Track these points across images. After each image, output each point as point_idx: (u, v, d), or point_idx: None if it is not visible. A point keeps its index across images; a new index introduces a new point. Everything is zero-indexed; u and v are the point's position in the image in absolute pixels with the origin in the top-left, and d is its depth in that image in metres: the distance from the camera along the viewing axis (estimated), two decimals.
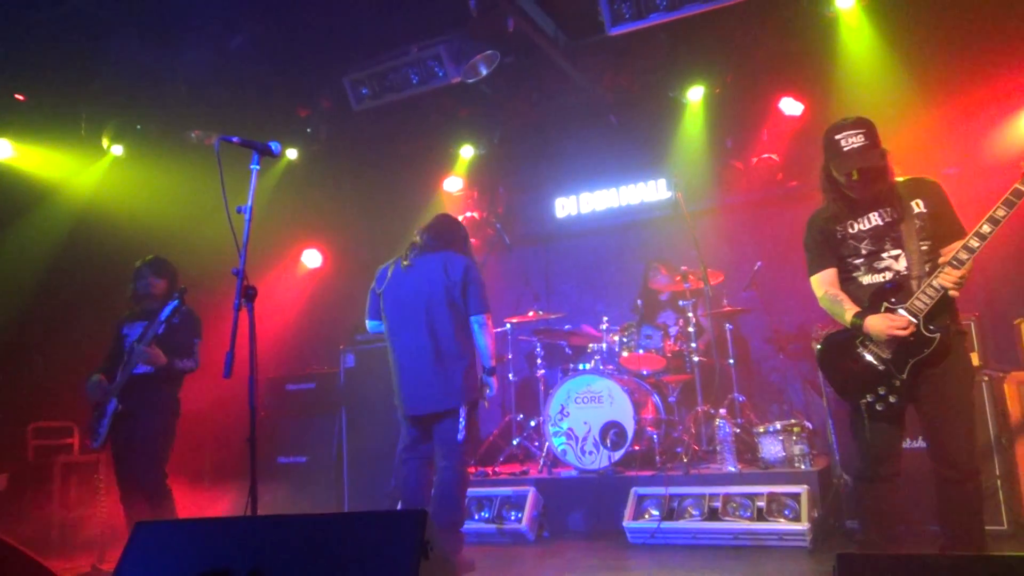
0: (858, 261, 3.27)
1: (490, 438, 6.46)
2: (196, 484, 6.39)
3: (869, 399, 3.17)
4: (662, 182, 7.30)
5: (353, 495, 6.37)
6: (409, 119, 7.34)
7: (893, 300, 3.11)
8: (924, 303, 3.03)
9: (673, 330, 5.86)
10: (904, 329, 3.03)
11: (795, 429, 4.81)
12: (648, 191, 7.40)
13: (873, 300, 3.17)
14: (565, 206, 7.82)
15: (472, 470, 5.74)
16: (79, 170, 6.65)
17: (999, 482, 4.23)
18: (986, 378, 4.38)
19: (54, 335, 6.30)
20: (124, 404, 4.51)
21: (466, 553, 4.18)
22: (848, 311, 3.19)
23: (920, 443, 4.16)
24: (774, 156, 6.64)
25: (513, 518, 5.03)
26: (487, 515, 5.11)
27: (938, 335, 3.03)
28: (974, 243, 2.95)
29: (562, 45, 6.34)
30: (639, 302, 6.28)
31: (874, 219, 3.23)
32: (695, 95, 6.70)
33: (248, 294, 3.06)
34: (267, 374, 6.97)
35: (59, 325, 6.33)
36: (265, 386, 6.89)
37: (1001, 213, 2.92)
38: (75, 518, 5.97)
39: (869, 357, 3.17)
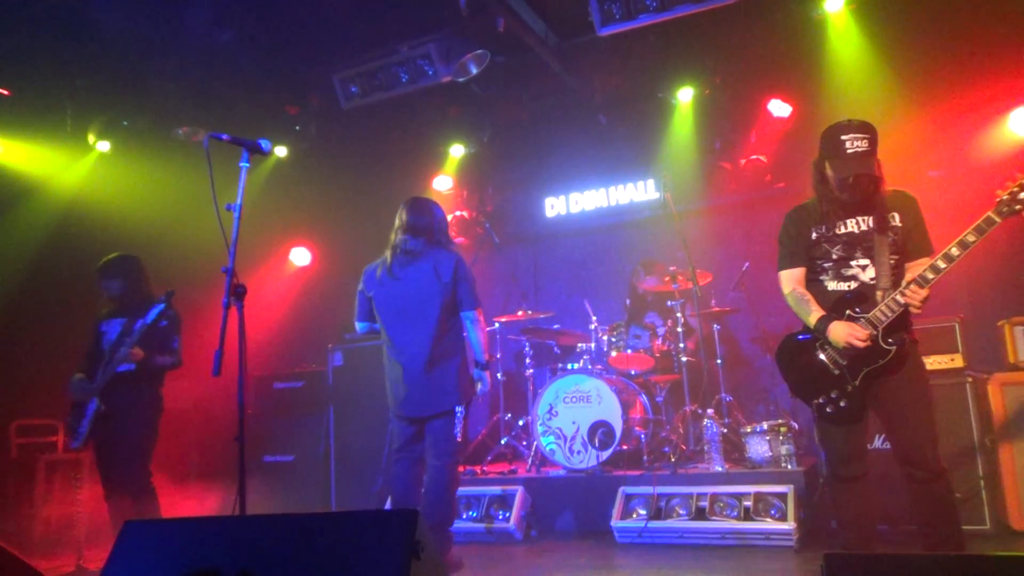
0: (827, 265, 3.31)
1: (479, 437, 6.46)
2: (182, 483, 6.34)
3: (821, 400, 3.24)
4: (651, 182, 7.32)
5: (340, 494, 6.35)
6: (399, 117, 7.32)
7: (858, 309, 3.15)
8: (885, 316, 3.08)
9: (661, 330, 5.88)
10: (863, 341, 3.08)
11: (782, 429, 4.84)
12: (637, 191, 7.42)
13: (836, 306, 3.22)
14: (554, 205, 7.83)
15: (460, 469, 5.74)
16: (65, 166, 6.59)
17: (982, 483, 4.28)
18: (970, 379, 4.42)
19: (38, 332, 6.24)
20: (106, 403, 4.49)
21: (454, 552, 4.18)
22: (813, 313, 3.24)
23: None
24: (762, 157, 6.68)
25: (501, 517, 5.04)
26: (475, 514, 5.11)
27: (894, 348, 3.09)
28: (941, 264, 2.98)
29: (552, 45, 6.35)
30: (627, 302, 6.29)
31: (851, 225, 3.26)
32: (684, 96, 6.72)
33: (237, 292, 3.04)
34: (255, 372, 6.94)
35: (43, 322, 6.26)
36: (252, 384, 6.86)
37: (971, 239, 2.94)
38: (59, 516, 5.92)
39: (825, 360, 3.23)
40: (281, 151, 7.39)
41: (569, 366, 5.84)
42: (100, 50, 5.83)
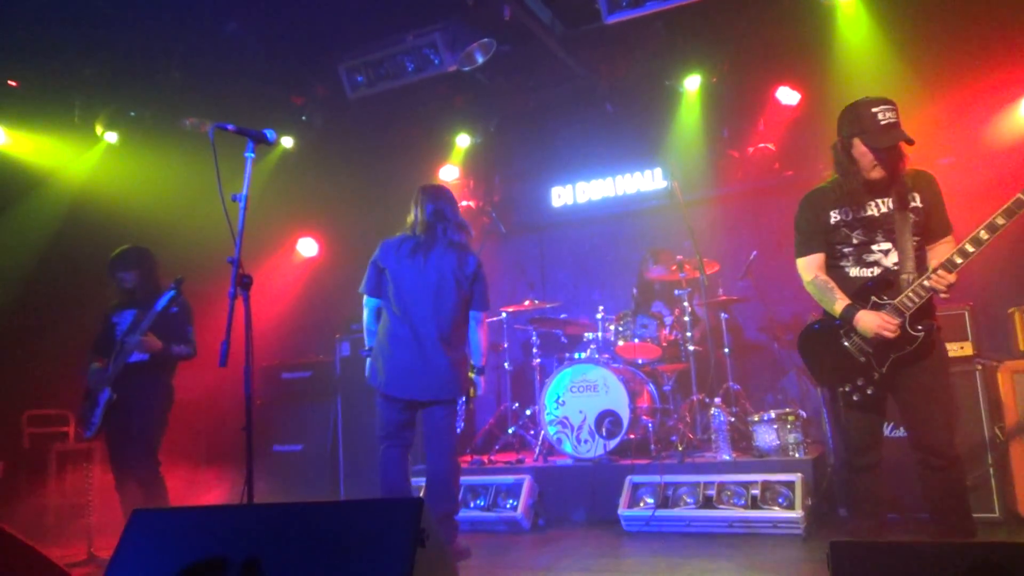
0: (847, 250, 3.24)
1: (486, 427, 6.47)
2: (191, 472, 6.38)
3: (847, 388, 3.20)
4: (658, 171, 7.29)
5: (348, 483, 6.38)
6: (404, 107, 7.31)
7: (884, 297, 3.10)
8: (912, 302, 3.03)
9: (668, 319, 5.87)
10: (893, 331, 3.04)
11: (789, 418, 4.82)
12: (644, 180, 7.39)
13: (860, 294, 3.16)
14: (561, 195, 7.81)
15: (468, 459, 5.77)
16: (73, 157, 6.61)
17: (992, 471, 4.26)
18: (979, 367, 4.39)
19: (49, 323, 6.28)
20: (119, 393, 4.51)
21: (461, 541, 4.20)
22: (839, 301, 3.17)
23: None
24: (770, 145, 6.64)
25: (509, 506, 5.05)
26: (483, 503, 5.12)
27: (922, 334, 3.05)
28: (969, 248, 2.92)
29: (558, 33, 6.31)
30: (635, 291, 6.28)
31: (871, 208, 3.19)
32: (692, 84, 6.68)
33: (243, 282, 3.05)
34: (262, 362, 6.95)
35: (54, 313, 6.31)
36: (260, 374, 6.89)
37: (1000, 221, 2.89)
38: (70, 505, 5.97)
39: (850, 348, 3.19)
40: (287, 141, 7.39)
41: (576, 355, 5.84)
42: (107, 41, 5.84)
